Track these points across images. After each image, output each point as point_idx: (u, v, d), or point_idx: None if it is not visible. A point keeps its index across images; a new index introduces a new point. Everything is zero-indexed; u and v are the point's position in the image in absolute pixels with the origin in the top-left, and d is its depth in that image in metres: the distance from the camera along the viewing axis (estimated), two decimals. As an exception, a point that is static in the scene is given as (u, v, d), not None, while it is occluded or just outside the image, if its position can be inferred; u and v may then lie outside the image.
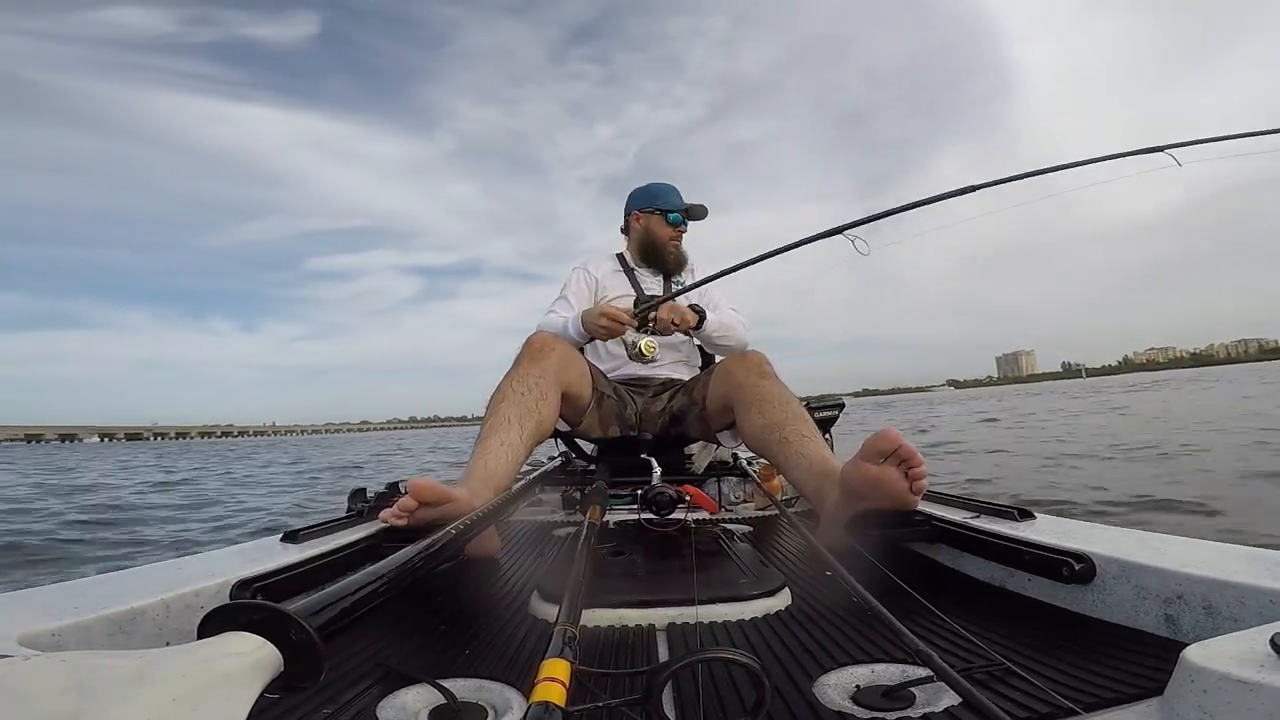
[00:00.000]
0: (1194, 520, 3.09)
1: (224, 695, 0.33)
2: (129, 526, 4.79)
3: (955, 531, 1.01)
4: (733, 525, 1.55)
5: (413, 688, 0.65)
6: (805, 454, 1.34)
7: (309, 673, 0.39)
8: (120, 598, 0.71)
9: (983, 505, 1.07)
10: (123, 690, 0.29)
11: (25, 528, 4.58)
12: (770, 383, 1.52)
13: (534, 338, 1.61)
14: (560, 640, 0.52)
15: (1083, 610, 0.79)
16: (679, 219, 2.14)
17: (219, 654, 0.35)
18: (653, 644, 0.78)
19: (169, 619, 0.73)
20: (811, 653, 0.72)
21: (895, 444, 1.02)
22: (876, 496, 1.05)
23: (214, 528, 4.72)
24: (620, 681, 0.57)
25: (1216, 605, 0.65)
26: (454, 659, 0.74)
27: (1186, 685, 0.46)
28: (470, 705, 0.63)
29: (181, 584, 0.77)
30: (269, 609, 0.39)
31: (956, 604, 0.84)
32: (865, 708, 0.59)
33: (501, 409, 1.42)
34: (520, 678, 0.67)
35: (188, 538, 4.24)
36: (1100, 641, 0.71)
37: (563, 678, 0.46)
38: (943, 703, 0.58)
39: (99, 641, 0.65)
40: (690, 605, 0.86)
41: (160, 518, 5.28)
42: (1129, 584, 0.74)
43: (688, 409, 1.79)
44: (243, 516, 5.27)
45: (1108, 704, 0.55)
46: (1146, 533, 0.85)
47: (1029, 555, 0.86)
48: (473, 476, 1.27)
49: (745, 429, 1.52)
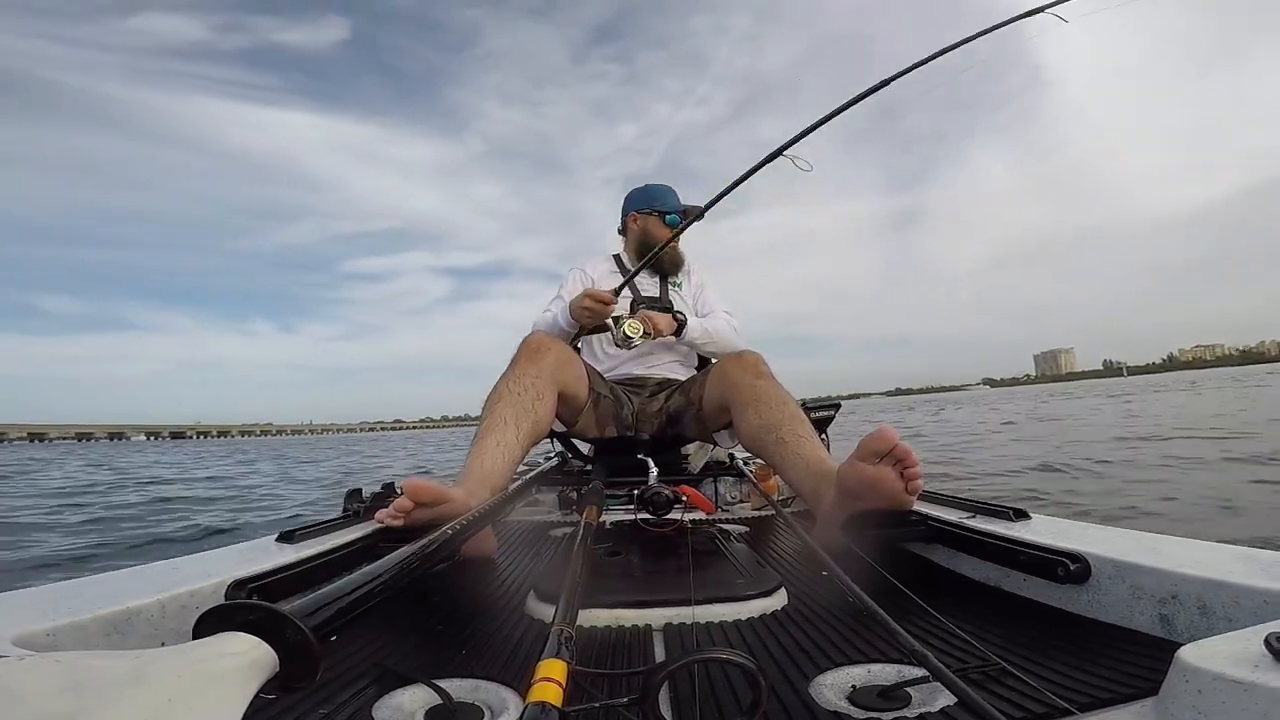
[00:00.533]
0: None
1: (219, 695, 0.33)
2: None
3: (951, 531, 1.01)
4: (729, 525, 1.55)
5: (409, 688, 0.65)
6: (801, 454, 1.34)
7: (305, 673, 0.39)
8: (116, 598, 0.71)
9: (978, 505, 1.07)
10: (118, 690, 0.29)
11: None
12: (767, 383, 1.52)
13: (530, 338, 1.62)
14: (557, 640, 0.52)
15: (1078, 610, 0.79)
16: (676, 220, 2.16)
17: (214, 654, 0.35)
18: (649, 644, 0.78)
19: (164, 619, 0.72)
20: (808, 653, 0.72)
21: (891, 444, 1.02)
22: (872, 497, 1.05)
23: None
24: (617, 682, 0.57)
25: (1211, 605, 0.65)
26: (450, 659, 0.74)
27: (1181, 685, 0.46)
28: (466, 705, 0.63)
29: (177, 584, 0.77)
30: (264, 609, 0.39)
31: (952, 604, 0.84)
32: (861, 708, 0.59)
33: (498, 409, 1.42)
34: (517, 678, 0.67)
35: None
36: (1095, 641, 0.71)
37: (559, 678, 0.46)
38: (938, 703, 0.58)
39: (95, 642, 0.65)
40: (687, 605, 0.86)
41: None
42: (1124, 584, 0.74)
43: (684, 409, 1.79)
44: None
45: (1103, 704, 0.55)
46: (1141, 533, 0.86)
47: (1024, 555, 0.86)
48: (469, 477, 1.27)
49: (742, 429, 1.52)
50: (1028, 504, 1.12)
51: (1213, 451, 5.27)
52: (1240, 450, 5.17)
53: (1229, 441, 5.92)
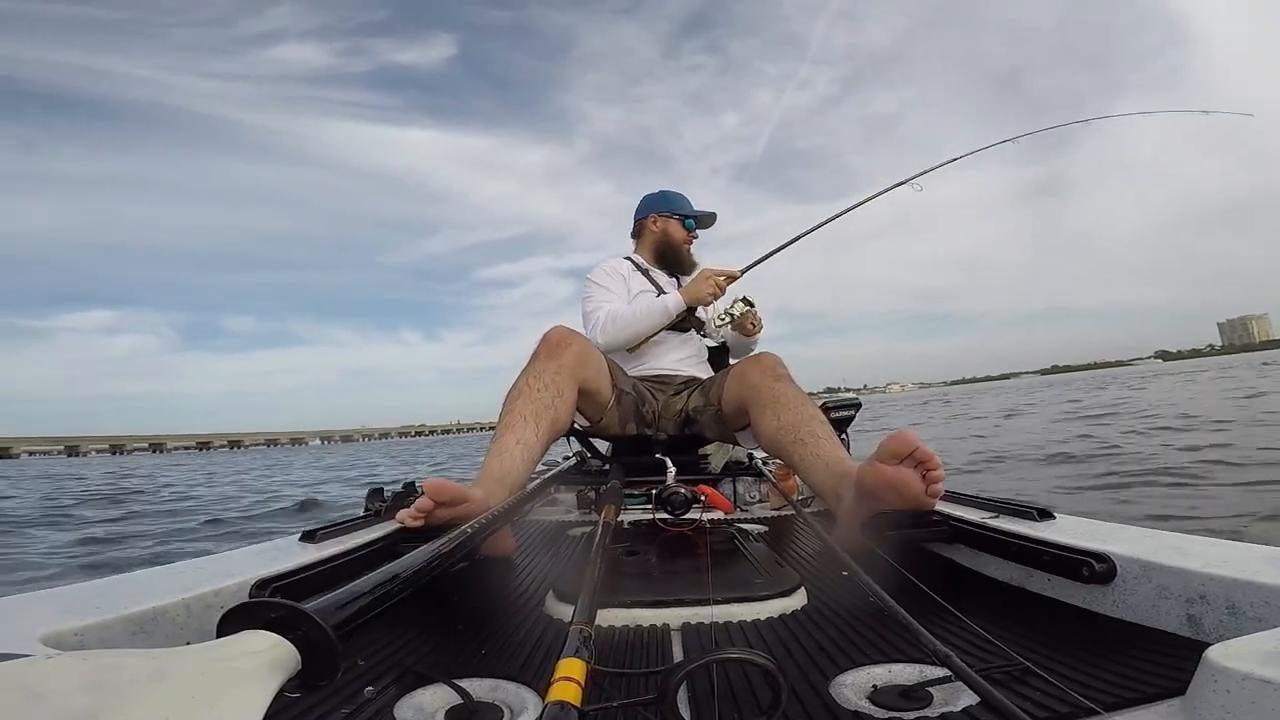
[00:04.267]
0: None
1: (241, 693, 0.33)
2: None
3: (974, 531, 1.00)
4: (748, 525, 1.54)
5: (429, 687, 0.65)
6: (821, 455, 1.33)
7: (326, 671, 0.40)
8: (142, 597, 0.72)
9: (1002, 505, 1.06)
10: (141, 688, 0.30)
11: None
12: (785, 385, 1.52)
13: (551, 333, 1.60)
14: (576, 640, 0.53)
15: (1103, 610, 0.78)
16: (693, 224, 2.24)
17: (237, 652, 0.36)
18: (668, 644, 0.78)
19: (190, 618, 0.73)
20: (828, 652, 0.72)
21: (911, 446, 1.01)
22: (893, 498, 1.04)
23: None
24: (636, 681, 0.58)
25: (1240, 605, 0.63)
26: (470, 659, 0.74)
27: (1209, 685, 0.45)
28: (486, 705, 0.63)
29: (202, 583, 0.78)
30: (287, 607, 0.40)
31: (975, 604, 0.83)
32: (882, 708, 0.59)
33: (517, 407, 1.42)
34: (536, 677, 0.67)
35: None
36: (1121, 641, 0.70)
37: (578, 677, 0.46)
38: (961, 702, 0.57)
39: (121, 641, 0.66)
40: (705, 605, 0.85)
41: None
42: (1150, 584, 0.73)
43: (703, 409, 1.79)
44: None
45: (1129, 704, 0.54)
46: (1167, 533, 0.84)
47: (1048, 555, 0.85)
48: (488, 476, 1.27)
49: (761, 430, 1.51)
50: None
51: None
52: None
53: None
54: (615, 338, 1.94)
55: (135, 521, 5.52)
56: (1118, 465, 4.61)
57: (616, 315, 1.95)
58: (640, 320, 1.94)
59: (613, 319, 1.95)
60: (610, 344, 1.92)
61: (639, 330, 1.95)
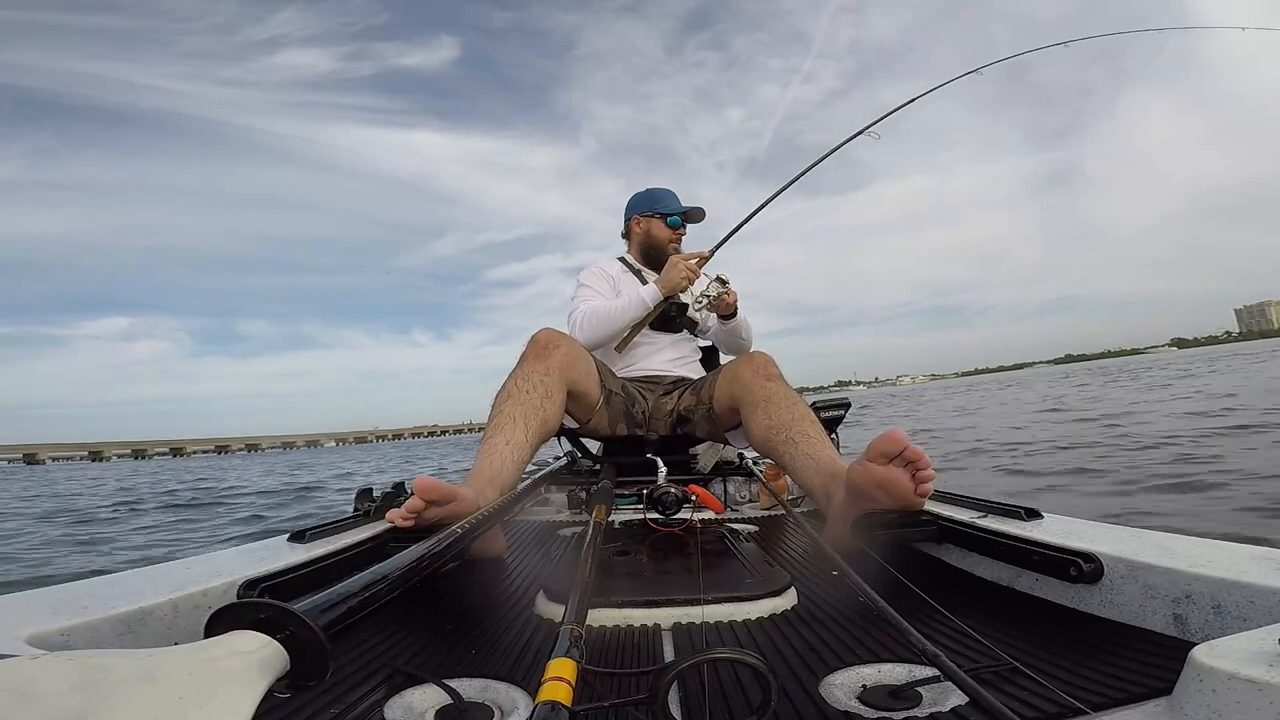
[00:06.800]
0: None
1: (230, 693, 0.33)
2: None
3: (962, 531, 1.00)
4: (738, 525, 1.54)
5: (419, 687, 0.65)
6: (811, 454, 1.33)
7: (315, 671, 0.40)
8: (128, 597, 0.71)
9: (990, 505, 1.06)
10: (129, 689, 0.29)
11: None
12: (776, 384, 1.52)
13: (539, 334, 1.60)
14: (566, 640, 0.52)
15: (1090, 610, 0.79)
16: (678, 222, 2.23)
17: (226, 652, 0.35)
18: (658, 644, 0.78)
19: (177, 618, 0.73)
20: (818, 652, 0.72)
21: (901, 446, 1.01)
22: (882, 497, 1.04)
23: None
24: (626, 681, 0.57)
25: (1225, 605, 0.64)
26: (460, 659, 0.74)
27: (1195, 685, 0.45)
28: (476, 705, 0.63)
29: (190, 583, 0.77)
30: (275, 607, 0.39)
31: (963, 604, 0.83)
32: (872, 707, 0.59)
33: (506, 408, 1.42)
34: (526, 677, 0.67)
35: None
36: (1108, 641, 0.70)
37: (569, 677, 0.46)
38: (950, 702, 0.57)
39: (107, 641, 0.66)
40: (696, 605, 0.86)
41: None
42: (1137, 584, 0.74)
43: (694, 409, 1.79)
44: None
45: (1116, 704, 0.55)
46: (1154, 532, 0.85)
47: (1036, 555, 0.86)
48: (478, 476, 1.27)
49: (751, 430, 1.52)
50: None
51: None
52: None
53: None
54: (594, 334, 1.94)
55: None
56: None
57: (594, 312, 1.96)
58: (617, 316, 1.94)
59: (590, 316, 1.95)
60: (589, 340, 1.92)
61: (617, 324, 1.95)
